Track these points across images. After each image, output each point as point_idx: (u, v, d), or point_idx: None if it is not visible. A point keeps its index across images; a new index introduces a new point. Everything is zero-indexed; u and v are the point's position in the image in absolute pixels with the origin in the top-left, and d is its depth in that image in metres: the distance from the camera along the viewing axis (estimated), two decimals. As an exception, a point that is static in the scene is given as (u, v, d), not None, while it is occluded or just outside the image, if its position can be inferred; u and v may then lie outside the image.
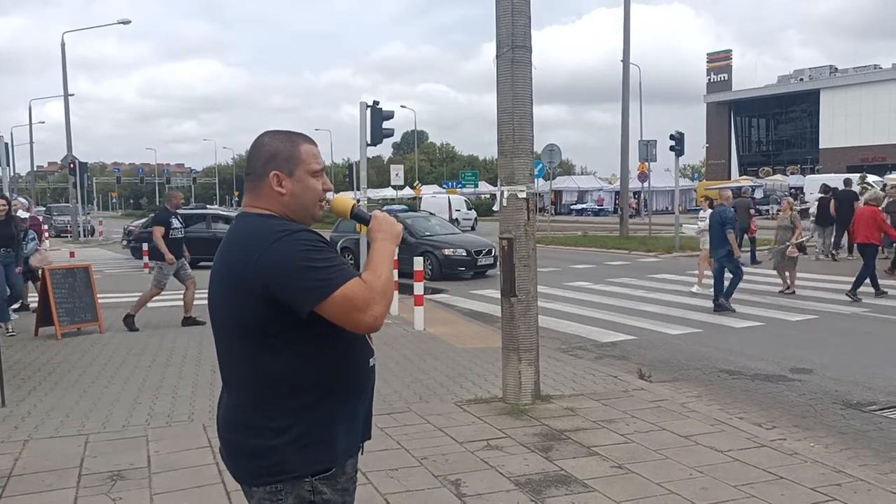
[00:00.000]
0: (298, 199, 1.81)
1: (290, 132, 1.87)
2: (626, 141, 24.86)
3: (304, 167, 1.81)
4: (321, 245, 1.71)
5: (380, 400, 5.56)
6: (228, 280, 1.74)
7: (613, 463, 4.19)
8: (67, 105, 29.74)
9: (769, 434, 4.84)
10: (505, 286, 5.50)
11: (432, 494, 3.77)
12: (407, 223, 15.90)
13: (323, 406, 1.75)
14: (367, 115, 11.44)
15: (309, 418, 1.73)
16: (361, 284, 1.67)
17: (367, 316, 1.66)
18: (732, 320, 9.37)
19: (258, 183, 1.81)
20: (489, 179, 69.41)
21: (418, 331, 8.63)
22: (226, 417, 1.82)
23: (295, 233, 1.70)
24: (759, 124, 61.18)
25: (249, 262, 1.68)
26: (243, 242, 1.74)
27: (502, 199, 5.52)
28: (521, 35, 5.35)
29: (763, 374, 6.68)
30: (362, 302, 1.65)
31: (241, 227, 1.80)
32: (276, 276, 1.65)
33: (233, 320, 1.74)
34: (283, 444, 1.71)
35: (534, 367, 5.47)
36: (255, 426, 1.74)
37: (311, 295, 1.64)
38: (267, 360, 1.72)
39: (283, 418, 1.72)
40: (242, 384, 1.77)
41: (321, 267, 1.66)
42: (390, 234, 1.86)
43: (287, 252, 1.66)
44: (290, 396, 1.72)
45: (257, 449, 1.73)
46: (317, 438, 1.74)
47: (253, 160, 1.84)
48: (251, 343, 1.72)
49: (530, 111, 5.46)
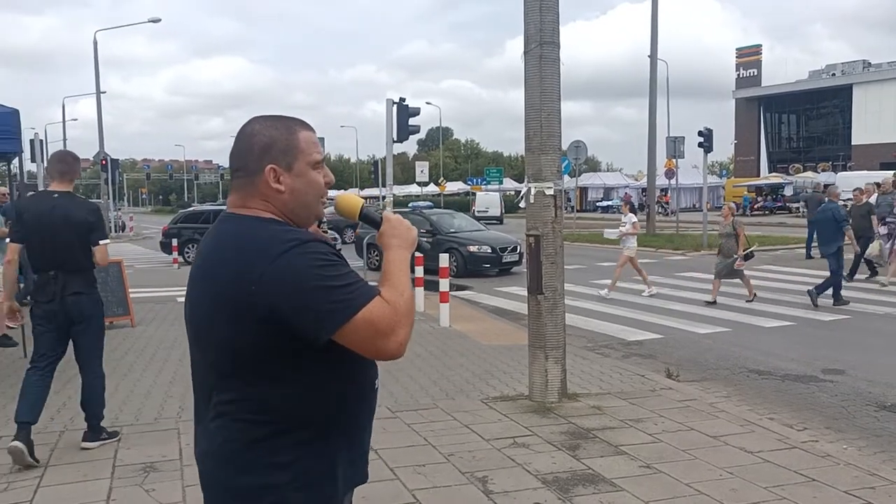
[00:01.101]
0: (300, 196, 1.54)
1: (283, 117, 1.58)
2: (653, 137, 24.61)
3: (305, 158, 1.54)
4: (335, 259, 1.46)
5: (406, 396, 5.59)
6: (220, 297, 1.46)
7: (641, 462, 4.16)
8: (100, 103, 30.29)
9: (800, 435, 4.77)
10: (532, 283, 5.48)
11: (459, 491, 3.78)
12: (432, 220, 15.94)
13: (328, 438, 1.52)
14: (393, 111, 11.48)
15: (312, 453, 1.51)
16: (384, 305, 1.43)
17: (391, 342, 1.43)
18: (762, 319, 9.23)
19: (251, 179, 1.53)
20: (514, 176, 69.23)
21: (444, 327, 8.64)
22: (211, 452, 1.55)
23: (304, 244, 1.43)
24: (790, 120, 60.09)
25: (250, 279, 1.40)
26: (239, 252, 1.45)
27: (529, 196, 5.50)
28: (550, 31, 5.32)
29: (794, 375, 6.58)
30: (387, 326, 1.42)
31: (234, 232, 1.50)
32: (285, 297, 1.39)
33: (224, 340, 1.47)
34: (283, 482, 1.48)
35: (560, 364, 5.45)
36: (250, 462, 1.49)
37: (329, 320, 1.39)
38: (266, 390, 1.47)
39: (283, 454, 1.49)
40: (234, 415, 1.51)
41: (338, 286, 1.41)
42: (406, 240, 1.61)
43: (298, 269, 1.40)
44: (291, 430, 1.49)
45: (253, 488, 1.49)
46: (320, 475, 1.52)
47: (243, 152, 1.54)
48: (248, 370, 1.47)
49: (558, 107, 5.43)
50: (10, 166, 6.77)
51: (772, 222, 32.26)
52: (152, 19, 29.70)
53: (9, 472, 3.99)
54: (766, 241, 21.14)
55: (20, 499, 3.64)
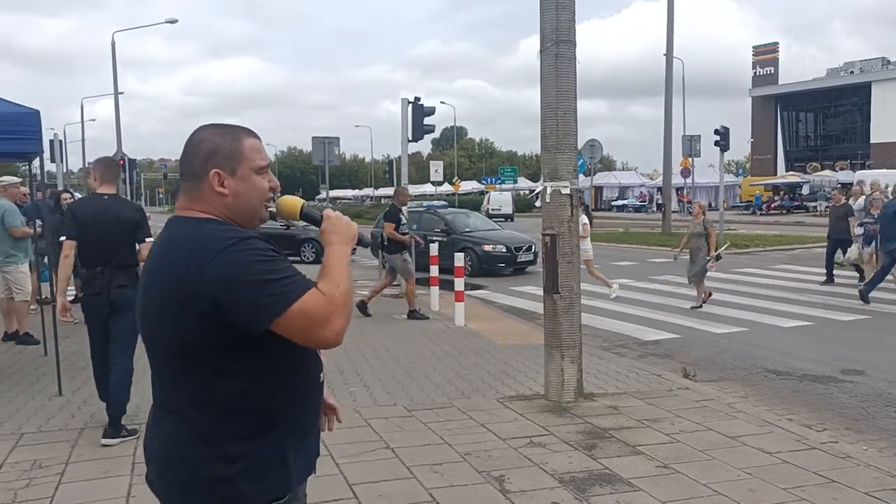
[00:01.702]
0: (243, 199, 1.63)
1: (230, 125, 1.69)
2: (668, 136, 24.46)
3: (248, 164, 1.63)
4: (273, 254, 1.54)
5: (422, 395, 5.60)
6: (165, 294, 1.54)
7: (659, 462, 4.14)
8: (117, 103, 30.54)
9: (820, 436, 4.72)
10: (548, 283, 5.47)
11: (476, 490, 3.78)
12: (447, 219, 15.94)
13: (276, 429, 1.59)
14: (408, 111, 11.50)
15: (261, 444, 1.58)
16: (319, 296, 1.51)
17: (327, 331, 1.50)
18: (780, 319, 9.15)
19: (197, 184, 1.62)
20: (528, 175, 69.08)
21: (459, 327, 8.65)
22: (162, 449, 1.62)
23: (243, 241, 1.52)
24: (807, 118, 59.46)
25: (192, 275, 1.49)
26: (183, 251, 1.54)
27: (545, 195, 5.49)
28: (566, 30, 5.31)
29: (812, 375, 6.51)
30: (322, 316, 1.49)
31: (179, 233, 1.59)
32: (225, 291, 1.47)
33: (171, 339, 1.55)
34: (235, 474, 1.55)
35: (577, 364, 5.44)
36: (202, 456, 1.55)
37: (266, 311, 1.47)
38: (212, 383, 1.54)
39: (233, 447, 1.55)
40: (182, 409, 1.58)
41: (274, 280, 1.49)
42: (346, 235, 1.67)
43: (237, 264, 1.48)
44: (239, 422, 1.56)
45: (206, 482, 1.55)
46: (271, 465, 1.59)
47: (190, 158, 1.64)
48: (194, 364, 1.54)
49: (574, 106, 5.42)
50: (31, 166, 6.84)
51: (789, 221, 31.97)
52: (169, 20, 29.92)
53: (30, 468, 4.05)
54: (783, 240, 20.95)
55: (41, 495, 3.69)
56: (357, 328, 8.44)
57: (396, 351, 7.23)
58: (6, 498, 3.65)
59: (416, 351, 7.23)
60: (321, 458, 4.41)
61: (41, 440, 4.52)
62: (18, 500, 3.64)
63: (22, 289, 7.45)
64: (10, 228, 7.33)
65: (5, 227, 7.34)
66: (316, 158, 15.16)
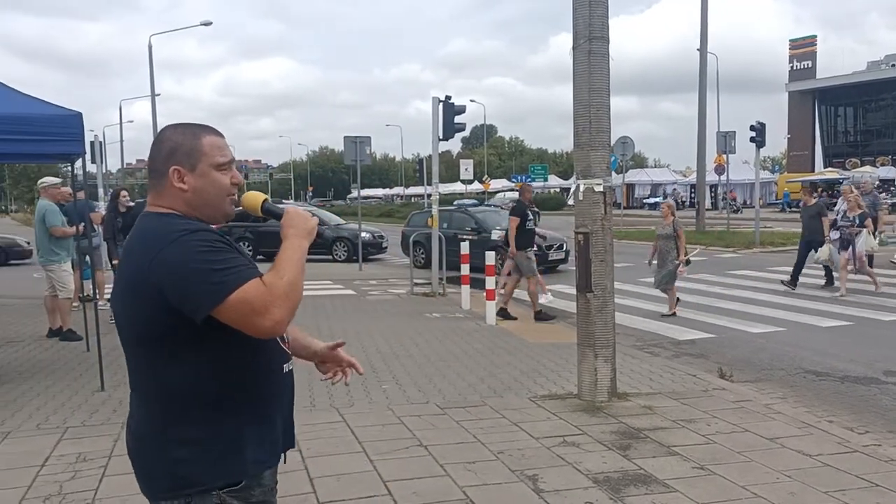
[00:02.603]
0: (202, 195, 1.69)
1: (193, 124, 1.75)
2: (702, 132, 24.06)
3: (208, 160, 1.69)
4: (220, 245, 1.60)
5: (454, 393, 5.61)
6: (127, 284, 1.64)
7: (695, 464, 4.09)
8: (154, 105, 31.16)
9: (862, 439, 4.61)
10: (581, 281, 5.44)
11: (510, 489, 3.78)
12: (478, 217, 15.93)
13: (230, 416, 1.65)
14: (439, 109, 11.51)
15: (215, 429, 1.64)
16: (260, 286, 1.55)
17: (266, 320, 1.54)
18: (819, 319, 8.96)
19: (160, 180, 1.70)
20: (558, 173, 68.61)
21: (490, 325, 8.64)
22: (131, 429, 1.74)
23: (193, 232, 1.59)
24: (847, 113, 58.01)
25: (144, 265, 1.58)
26: (141, 243, 1.64)
27: (578, 193, 5.46)
28: (599, 26, 5.26)
29: (853, 376, 6.36)
30: (261, 305, 1.53)
31: (142, 227, 1.68)
32: (170, 279, 1.54)
33: (132, 327, 1.65)
34: (189, 456, 1.63)
35: (610, 364, 5.39)
36: (160, 438, 1.64)
37: (206, 299, 1.53)
38: (169, 369, 1.62)
39: (188, 429, 1.63)
40: (146, 394, 1.69)
41: (217, 269, 1.54)
42: (303, 229, 1.71)
43: (181, 253, 1.55)
44: (195, 406, 1.63)
45: (162, 462, 1.64)
46: (224, 450, 1.65)
47: (153, 156, 1.72)
48: (151, 351, 1.63)
49: (607, 103, 5.37)
50: (73, 167, 7.03)
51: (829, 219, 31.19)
52: (204, 23, 30.42)
53: (75, 461, 4.16)
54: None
55: (86, 487, 3.79)
56: (389, 327, 8.49)
57: (428, 349, 7.26)
58: (52, 490, 3.76)
59: (447, 349, 7.24)
60: (355, 455, 4.47)
61: (85, 434, 4.64)
62: (64, 491, 3.74)
63: (65, 287, 7.65)
64: (50, 228, 7.53)
65: (46, 226, 7.55)
66: (348, 158, 15.28)
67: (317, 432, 4.62)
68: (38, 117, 5.30)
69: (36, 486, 3.81)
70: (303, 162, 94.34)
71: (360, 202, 19.13)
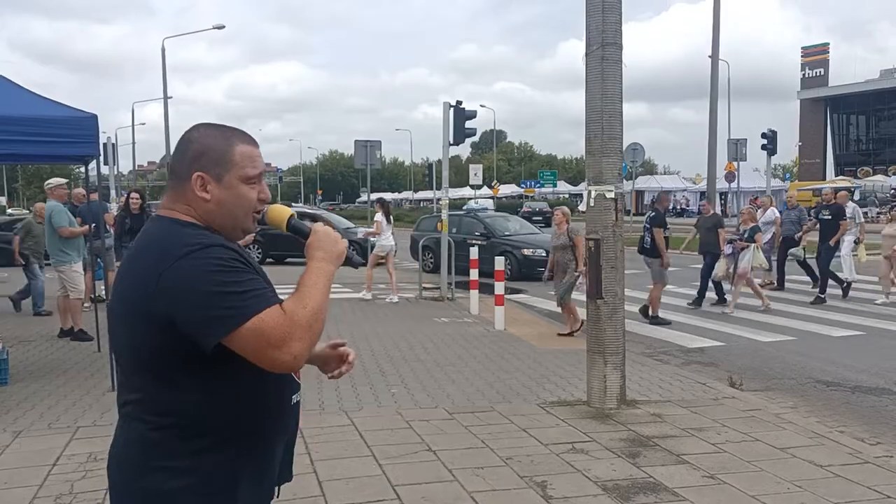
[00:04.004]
0: (225, 208, 1.52)
1: (227, 127, 1.58)
2: (713, 139, 23.96)
3: (237, 172, 1.52)
4: (237, 264, 1.44)
5: (463, 398, 5.61)
6: (127, 294, 1.48)
7: (704, 472, 4.07)
8: (167, 108, 31.38)
9: (873, 450, 4.58)
10: (591, 288, 5.43)
11: (519, 495, 3.77)
12: (487, 222, 15.94)
13: (229, 450, 1.49)
14: (450, 114, 11.53)
15: (211, 463, 1.48)
16: (279, 315, 1.39)
17: (283, 353, 1.38)
18: (829, 328, 8.90)
19: (180, 183, 1.53)
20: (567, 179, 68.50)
21: (499, 330, 8.63)
22: (116, 455, 1.55)
23: (206, 248, 1.42)
24: (859, 121, 57.66)
25: (150, 281, 1.41)
26: (148, 253, 1.47)
27: (589, 199, 5.45)
28: (612, 32, 5.27)
29: (865, 387, 6.32)
30: (279, 337, 1.38)
31: (151, 233, 1.53)
32: (177, 301, 1.38)
33: (127, 341, 1.49)
34: (178, 489, 1.46)
35: (620, 370, 5.38)
36: (149, 466, 1.47)
37: (217, 326, 1.37)
38: (166, 395, 1.46)
39: (181, 460, 1.47)
40: (138, 418, 1.50)
41: (231, 292, 1.38)
42: (331, 253, 1.54)
43: (192, 272, 1.39)
44: (191, 437, 1.47)
45: (148, 492, 1.48)
46: (217, 486, 1.49)
47: (178, 155, 1.56)
48: (149, 374, 1.47)
49: (620, 109, 5.38)
50: (87, 169, 7.08)
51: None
52: (217, 26, 30.61)
53: (86, 460, 4.18)
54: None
55: (97, 487, 3.81)
56: (398, 331, 8.49)
57: (436, 353, 7.26)
58: (64, 489, 3.78)
59: (455, 354, 7.24)
60: (364, 458, 4.48)
61: (96, 434, 4.66)
62: (75, 491, 3.76)
63: (75, 287, 7.70)
64: (58, 228, 7.58)
65: (54, 227, 7.60)
66: (358, 161, 15.32)
67: (326, 435, 4.63)
68: (54, 119, 5.36)
69: (47, 485, 3.84)
70: (312, 165, 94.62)
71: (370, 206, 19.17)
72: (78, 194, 8.65)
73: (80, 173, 33.08)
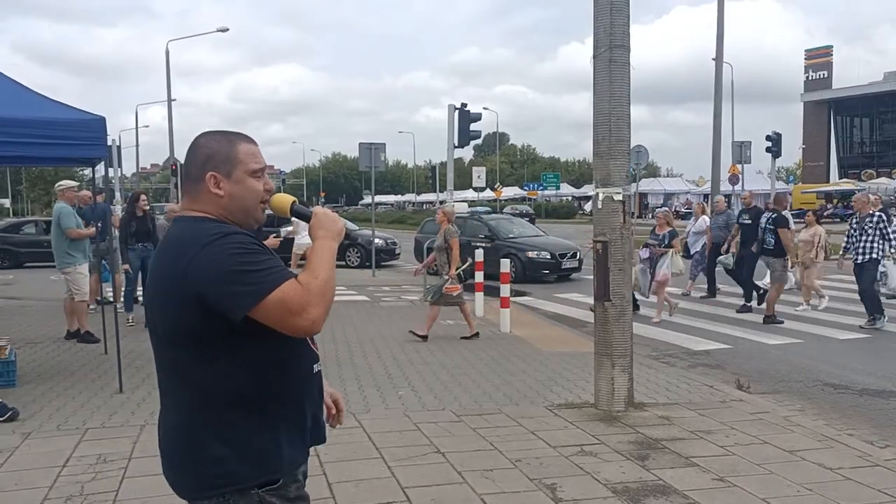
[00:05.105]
0: (237, 200, 1.74)
1: (227, 132, 1.81)
2: (717, 142, 23.96)
3: (243, 167, 1.75)
4: (254, 247, 1.65)
5: (470, 400, 5.61)
6: (162, 287, 1.68)
7: (714, 475, 4.06)
8: (170, 110, 31.44)
9: (883, 453, 4.56)
10: (599, 290, 5.43)
11: (528, 497, 3.77)
12: (491, 225, 15.94)
13: (266, 414, 1.69)
14: (454, 117, 11.55)
15: (252, 427, 1.67)
16: (297, 286, 1.60)
17: (303, 319, 1.58)
18: (835, 331, 8.88)
19: (196, 185, 1.75)
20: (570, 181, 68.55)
21: (504, 333, 8.63)
22: (165, 429, 1.75)
23: (227, 235, 1.63)
24: (862, 124, 57.63)
25: (180, 268, 1.61)
26: (177, 247, 1.67)
27: (597, 202, 5.45)
28: (620, 34, 5.28)
29: (872, 390, 6.30)
30: (298, 305, 1.57)
31: (177, 230, 1.73)
32: (207, 281, 1.58)
33: (167, 328, 1.68)
34: (227, 454, 1.65)
35: (627, 373, 5.38)
36: (197, 437, 1.67)
37: (244, 300, 1.57)
38: (205, 369, 1.66)
39: (225, 428, 1.66)
40: (181, 394, 1.71)
41: (253, 270, 1.59)
42: (332, 231, 1.76)
43: (217, 256, 1.59)
44: (231, 406, 1.66)
45: (199, 460, 1.67)
46: (262, 448, 1.68)
47: (190, 162, 1.78)
48: (187, 352, 1.66)
49: (628, 112, 5.38)
50: (94, 171, 7.10)
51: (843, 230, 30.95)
52: (220, 29, 30.67)
53: (95, 462, 4.19)
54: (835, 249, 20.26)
55: (107, 488, 3.82)
56: (404, 333, 8.48)
57: (442, 356, 7.26)
58: (74, 490, 3.79)
59: (462, 357, 7.24)
60: (373, 461, 4.49)
61: (105, 436, 4.67)
62: (85, 492, 3.77)
63: (80, 289, 7.71)
64: (66, 230, 7.60)
65: (62, 229, 7.62)
66: (362, 164, 15.34)
67: (334, 437, 4.60)
68: (62, 121, 5.37)
69: (58, 487, 3.84)
70: (315, 168, 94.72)
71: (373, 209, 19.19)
72: (84, 196, 8.67)
73: (84, 175, 33.14)
